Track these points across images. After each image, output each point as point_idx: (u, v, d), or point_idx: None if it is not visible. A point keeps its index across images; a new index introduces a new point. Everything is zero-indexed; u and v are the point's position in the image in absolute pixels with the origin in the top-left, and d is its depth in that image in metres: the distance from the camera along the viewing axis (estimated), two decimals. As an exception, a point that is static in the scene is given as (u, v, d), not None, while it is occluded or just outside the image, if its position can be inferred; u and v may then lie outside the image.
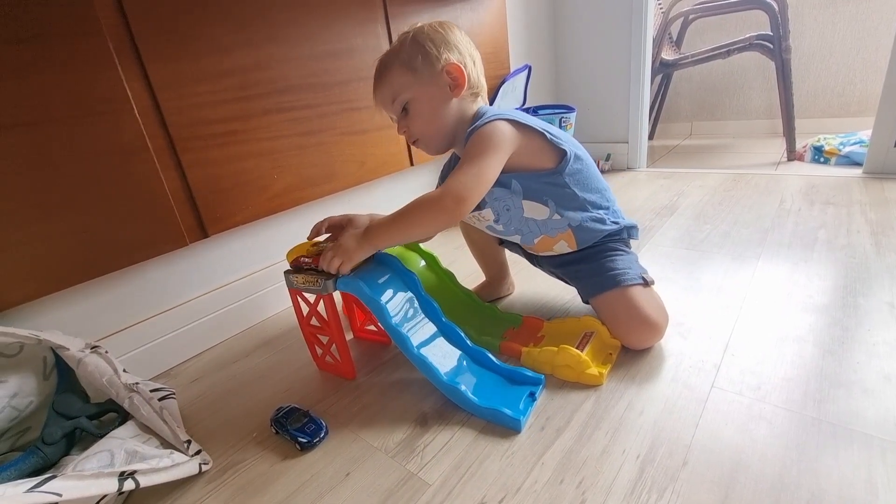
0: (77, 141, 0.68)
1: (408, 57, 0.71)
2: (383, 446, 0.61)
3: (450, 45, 0.72)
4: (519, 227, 0.79)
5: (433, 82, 0.72)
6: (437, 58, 0.71)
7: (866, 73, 2.00)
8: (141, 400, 0.65)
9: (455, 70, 0.71)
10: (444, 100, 0.73)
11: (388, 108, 0.76)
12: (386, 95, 0.74)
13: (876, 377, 0.61)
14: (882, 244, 0.96)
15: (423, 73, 0.71)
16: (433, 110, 0.74)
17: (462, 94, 0.73)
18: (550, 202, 0.75)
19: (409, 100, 0.73)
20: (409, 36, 0.73)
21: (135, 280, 0.83)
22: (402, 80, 0.72)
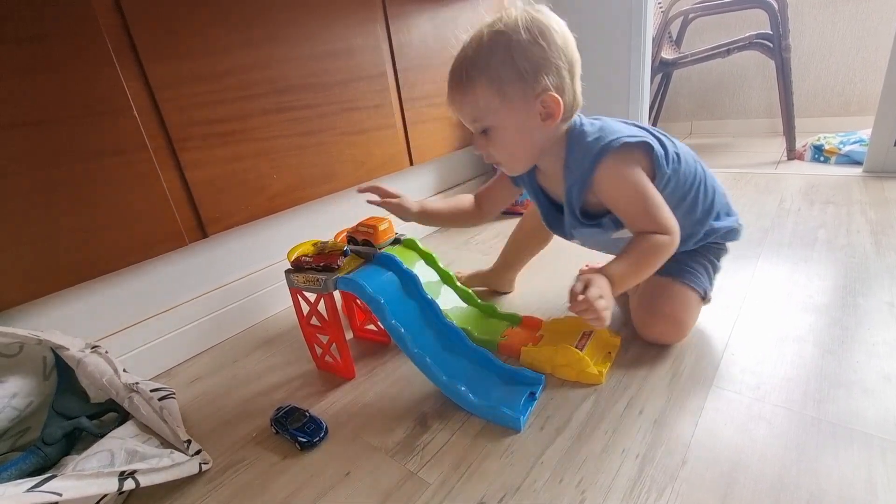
0: (76, 141, 0.68)
1: (497, 76, 0.60)
2: (383, 446, 0.61)
3: (549, 64, 0.60)
4: (603, 246, 0.79)
5: (524, 109, 0.62)
6: (534, 84, 0.60)
7: (866, 72, 2.00)
8: (141, 400, 0.65)
9: (552, 103, 0.61)
10: (532, 128, 0.64)
11: (466, 122, 0.68)
12: (466, 113, 0.66)
13: (876, 377, 0.61)
14: (882, 244, 0.95)
15: (512, 100, 0.61)
16: (519, 139, 0.66)
17: (554, 124, 0.64)
18: None
19: (492, 126, 0.64)
20: (501, 41, 0.60)
21: (134, 280, 0.83)
22: (487, 102, 0.62)
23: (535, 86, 0.60)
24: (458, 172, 1.54)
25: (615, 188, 0.64)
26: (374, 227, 0.76)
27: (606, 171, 0.63)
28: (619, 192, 0.64)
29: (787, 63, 1.70)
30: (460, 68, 0.64)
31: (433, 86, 1.26)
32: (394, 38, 1.11)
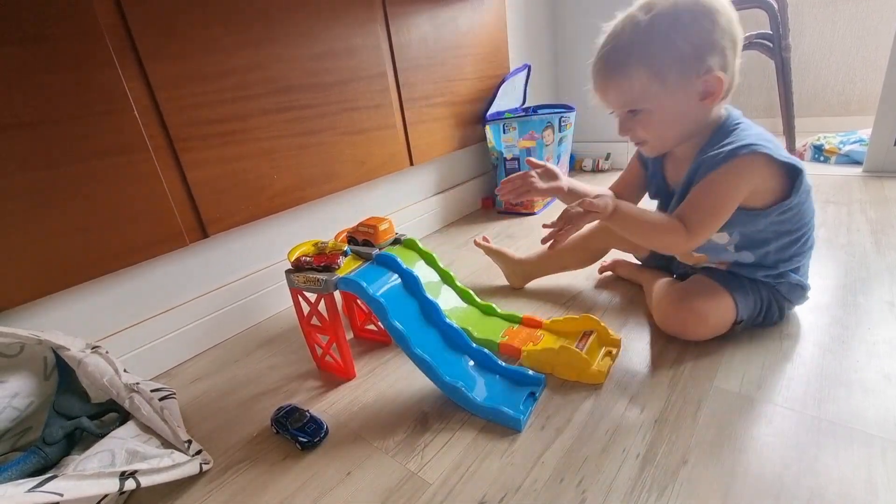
0: (76, 141, 0.68)
1: (657, 61, 0.58)
2: (383, 446, 0.61)
3: (715, 45, 0.58)
4: None
5: (682, 91, 0.60)
6: (697, 66, 0.58)
7: (866, 71, 2.00)
8: (141, 400, 0.65)
9: (715, 84, 0.59)
10: (690, 108, 0.62)
11: (613, 106, 0.66)
12: (616, 99, 0.64)
13: (876, 376, 0.61)
14: (882, 243, 0.95)
15: (672, 83, 0.59)
16: (673, 121, 0.64)
17: (714, 103, 0.62)
18: (736, 234, 0.68)
19: (646, 109, 0.62)
20: (662, 24, 0.57)
21: (135, 280, 0.83)
22: (644, 88, 0.60)
23: (697, 68, 0.58)
24: (458, 172, 1.54)
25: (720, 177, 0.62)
26: (375, 227, 0.76)
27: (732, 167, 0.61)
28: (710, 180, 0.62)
29: (786, 63, 1.70)
30: (614, 54, 0.61)
31: (433, 86, 1.26)
32: (394, 38, 1.11)
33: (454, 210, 1.51)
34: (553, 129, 1.42)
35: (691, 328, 0.71)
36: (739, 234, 0.68)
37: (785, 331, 0.72)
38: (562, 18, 1.79)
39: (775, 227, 0.67)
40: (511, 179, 0.80)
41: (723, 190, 0.62)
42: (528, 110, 1.56)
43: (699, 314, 0.69)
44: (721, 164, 0.61)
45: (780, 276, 0.71)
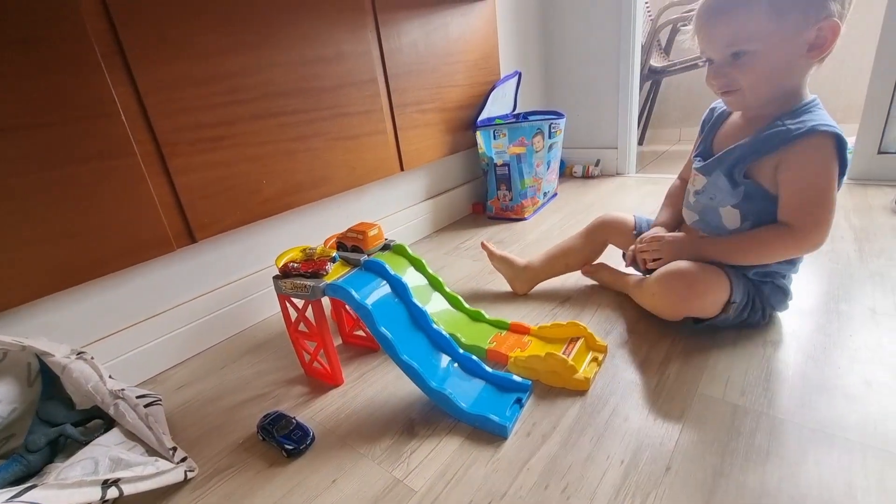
0: (62, 146, 0.68)
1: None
2: (370, 453, 0.61)
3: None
4: (703, 212, 0.74)
5: (796, 37, 0.57)
6: (820, 8, 0.55)
7: (851, 82, 2.04)
8: (126, 406, 0.64)
9: (831, 31, 0.56)
10: (795, 58, 0.59)
11: (716, 49, 0.62)
12: (722, 38, 0.60)
13: (857, 382, 0.62)
14: (865, 250, 0.97)
15: (790, 22, 0.56)
16: (777, 69, 0.60)
17: (819, 56, 0.59)
18: (749, 223, 0.69)
19: (753, 51, 0.59)
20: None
21: (121, 285, 0.82)
22: (758, 26, 0.57)
23: (820, 10, 0.55)
24: (449, 178, 1.54)
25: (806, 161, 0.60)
26: (364, 232, 0.76)
27: (811, 147, 0.60)
28: (809, 172, 0.61)
29: (773, 71, 1.72)
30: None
31: (424, 92, 1.26)
32: (385, 44, 1.12)
33: (445, 215, 1.52)
34: (543, 136, 1.43)
35: (691, 299, 0.70)
36: (752, 223, 0.69)
37: (768, 337, 0.73)
38: (552, 27, 1.81)
39: None
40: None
41: (824, 176, 0.60)
42: (519, 117, 1.57)
43: (697, 285, 0.69)
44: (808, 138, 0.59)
45: (767, 275, 0.72)
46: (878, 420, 0.56)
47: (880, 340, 0.69)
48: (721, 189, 0.69)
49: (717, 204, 0.71)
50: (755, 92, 0.63)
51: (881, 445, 0.52)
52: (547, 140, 1.45)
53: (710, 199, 0.71)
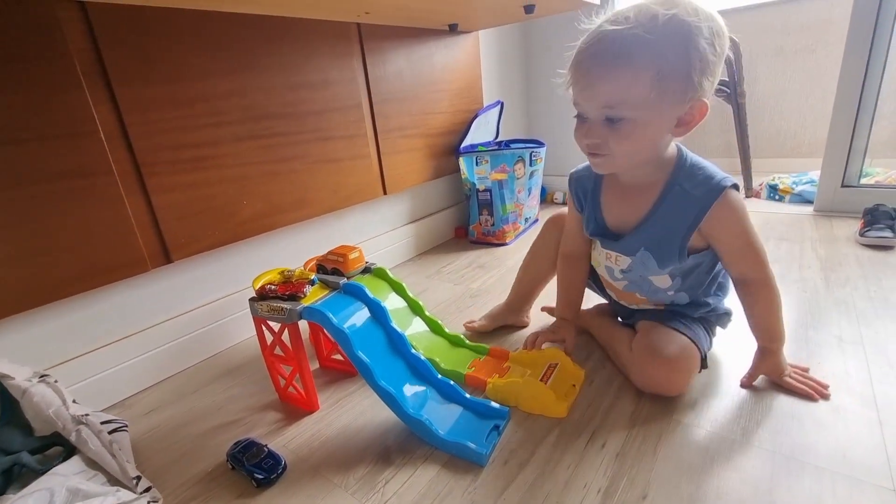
0: (37, 162, 0.67)
1: (667, 66, 0.52)
2: (343, 482, 0.60)
3: (715, 69, 0.55)
4: (636, 283, 0.74)
5: (670, 111, 0.56)
6: (696, 87, 0.54)
7: (815, 118, 2.15)
8: (89, 432, 0.61)
9: (700, 112, 0.57)
10: (665, 132, 0.59)
11: (591, 106, 0.58)
12: (602, 95, 0.56)
13: (826, 409, 0.64)
14: (831, 280, 1.01)
15: (669, 97, 0.54)
16: (650, 141, 0.60)
17: (684, 133, 0.59)
18: (678, 279, 0.70)
19: (630, 118, 0.56)
20: (684, 31, 0.52)
21: (92, 305, 0.80)
22: (641, 93, 0.54)
23: (696, 88, 0.54)
24: (431, 203, 1.56)
25: (729, 221, 0.63)
26: (345, 255, 0.76)
27: (728, 207, 0.62)
28: (735, 229, 0.63)
29: (742, 108, 1.81)
30: (621, 41, 0.53)
31: (408, 118, 1.29)
32: (370, 72, 1.14)
33: (427, 239, 1.52)
34: (524, 163, 1.46)
35: (675, 383, 0.68)
36: (681, 280, 0.70)
37: (743, 364, 0.75)
38: (533, 58, 1.87)
39: (707, 267, 0.70)
40: None
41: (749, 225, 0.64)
42: (501, 144, 1.61)
43: (678, 369, 0.67)
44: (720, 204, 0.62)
45: (712, 310, 0.75)
46: (846, 447, 0.57)
47: (846, 368, 0.71)
48: (649, 266, 0.69)
49: (650, 274, 0.71)
50: (625, 159, 0.62)
51: (850, 472, 0.53)
52: (528, 167, 1.48)
53: (640, 276, 0.72)
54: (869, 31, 1.30)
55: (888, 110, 1.86)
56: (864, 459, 0.55)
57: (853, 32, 1.33)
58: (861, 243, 1.18)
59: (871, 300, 0.90)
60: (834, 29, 2.01)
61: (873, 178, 1.54)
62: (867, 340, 0.78)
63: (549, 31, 1.80)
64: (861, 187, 1.43)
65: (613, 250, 0.72)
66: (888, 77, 1.37)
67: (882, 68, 1.34)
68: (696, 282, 0.71)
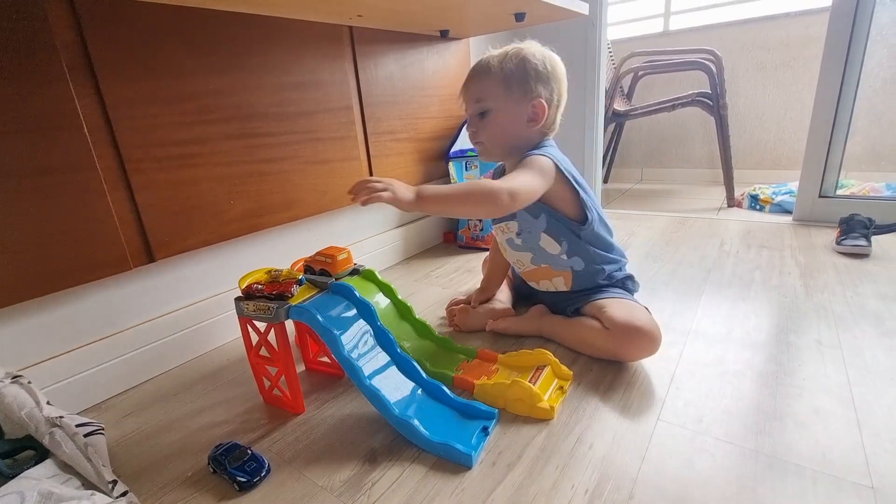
0: (16, 156, 0.65)
1: (510, 74, 0.78)
2: (329, 485, 0.58)
3: (549, 84, 0.80)
4: (532, 247, 0.87)
5: (517, 107, 0.79)
6: (532, 90, 0.78)
7: (794, 130, 2.22)
8: (63, 435, 0.59)
9: (540, 108, 0.79)
10: (519, 123, 0.81)
11: (470, 104, 0.83)
12: (473, 93, 0.82)
13: (807, 410, 0.65)
14: (810, 285, 1.03)
15: (513, 95, 0.79)
16: (506, 128, 0.81)
17: (535, 127, 0.81)
18: (564, 243, 0.84)
19: (491, 109, 0.80)
20: (521, 54, 0.78)
21: (70, 304, 0.77)
22: (494, 90, 0.79)
23: (532, 91, 0.78)
24: (421, 206, 1.55)
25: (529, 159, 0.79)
26: (333, 256, 0.75)
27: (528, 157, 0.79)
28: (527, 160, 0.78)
29: (724, 119, 1.86)
30: (485, 63, 0.81)
31: (399, 122, 1.29)
32: (361, 74, 1.14)
33: (415, 243, 1.52)
34: (513, 169, 1.47)
35: (651, 347, 0.76)
36: (567, 243, 0.84)
37: (724, 367, 0.76)
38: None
39: (588, 239, 0.84)
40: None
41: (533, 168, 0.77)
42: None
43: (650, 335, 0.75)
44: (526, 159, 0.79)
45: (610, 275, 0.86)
46: (826, 447, 0.58)
47: (826, 370, 0.73)
48: (529, 221, 0.85)
49: (535, 237, 0.86)
50: (493, 143, 0.83)
51: (830, 471, 0.54)
52: (516, 173, 1.49)
53: (528, 234, 0.86)
54: (843, 51, 1.35)
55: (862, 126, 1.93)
56: (843, 459, 0.56)
57: (829, 50, 1.38)
58: (838, 251, 1.21)
59: (848, 305, 0.93)
60: (812, 45, 2.09)
61: (849, 190, 1.59)
62: (845, 344, 0.80)
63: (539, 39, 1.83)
64: (837, 198, 1.48)
65: (502, 221, 0.89)
66: (861, 94, 1.42)
67: (856, 85, 1.40)
68: (577, 246, 0.84)
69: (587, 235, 0.83)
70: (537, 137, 0.83)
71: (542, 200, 0.80)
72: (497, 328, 0.93)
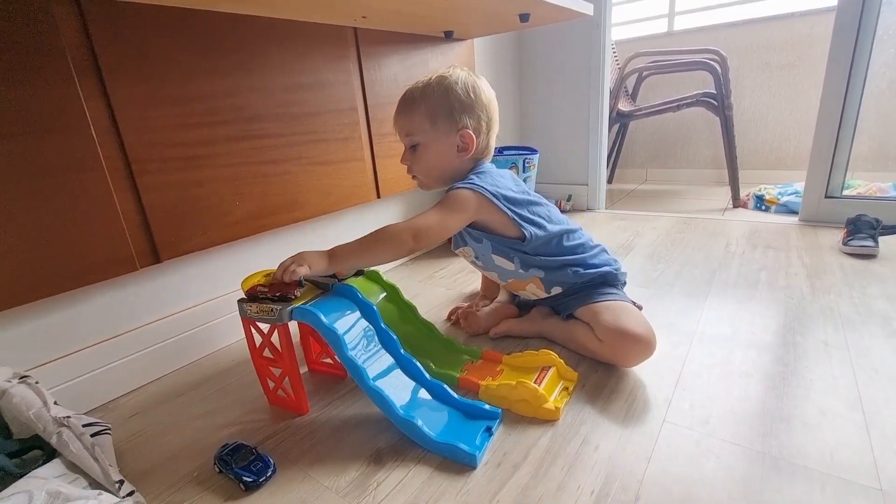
0: (24, 156, 0.65)
1: (434, 107, 0.79)
2: (334, 485, 0.59)
3: (474, 112, 0.80)
4: (492, 268, 0.89)
5: (446, 139, 0.80)
6: (458, 121, 0.79)
7: (799, 131, 2.21)
8: (71, 435, 0.60)
9: (468, 138, 0.80)
10: (449, 155, 0.82)
11: (402, 137, 0.84)
12: (403, 128, 0.83)
13: (814, 412, 0.64)
14: (816, 286, 1.03)
15: (440, 127, 0.80)
16: (437, 160, 0.82)
17: (467, 156, 0.82)
18: (516, 259, 0.84)
19: (420, 143, 0.81)
20: (444, 84, 0.79)
21: (77, 305, 0.78)
22: (421, 124, 0.80)
23: (458, 122, 0.79)
24: (424, 208, 1.55)
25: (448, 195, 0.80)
26: None
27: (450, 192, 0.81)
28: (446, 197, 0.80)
29: (729, 120, 1.85)
30: (409, 95, 0.82)
31: (402, 123, 1.29)
32: (365, 75, 1.15)
33: (420, 244, 1.52)
34: (517, 170, 1.47)
35: (647, 352, 0.74)
36: (518, 259, 0.84)
37: (730, 369, 0.76)
38: (527, 67, 1.90)
39: (536, 251, 0.83)
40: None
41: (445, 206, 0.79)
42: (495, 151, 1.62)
43: (645, 339, 0.73)
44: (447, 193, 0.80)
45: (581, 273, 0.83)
46: (833, 448, 0.58)
47: (832, 372, 0.73)
48: (477, 247, 0.86)
49: (490, 259, 0.87)
50: (427, 175, 0.86)
51: (838, 474, 0.54)
52: (521, 174, 1.49)
53: (483, 255, 0.87)
54: (849, 51, 1.35)
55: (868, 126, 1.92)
56: (851, 460, 0.56)
57: (834, 51, 1.37)
58: (844, 252, 1.21)
59: (855, 306, 0.92)
60: (817, 45, 2.08)
61: (855, 190, 1.58)
62: (852, 345, 0.79)
63: (543, 39, 1.83)
64: (844, 198, 1.47)
65: (459, 247, 0.91)
66: (868, 94, 1.41)
67: (862, 85, 1.39)
68: (529, 259, 0.84)
69: (533, 249, 0.83)
70: (469, 164, 0.84)
71: (479, 227, 0.83)
72: (499, 333, 0.92)
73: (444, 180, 0.85)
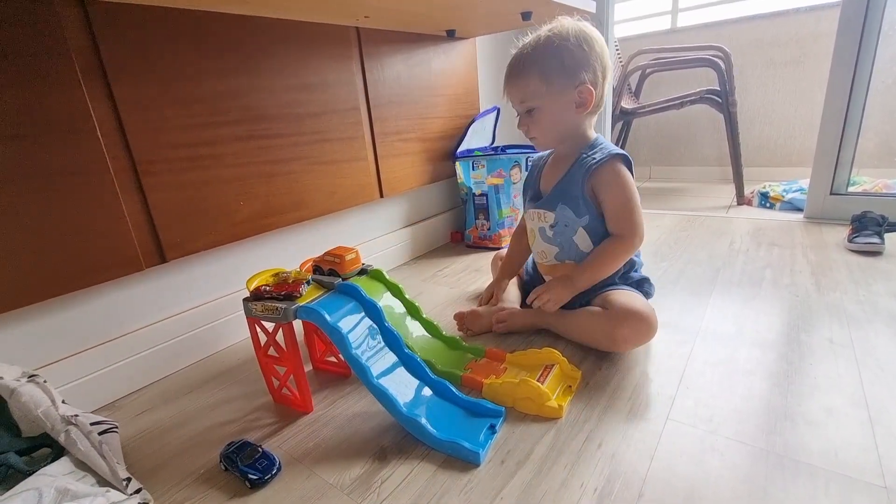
0: (32, 158, 0.66)
1: (548, 69, 0.76)
2: (339, 482, 0.59)
3: (589, 65, 0.76)
4: (562, 242, 0.87)
5: (563, 97, 0.78)
6: (574, 76, 0.76)
7: (804, 128, 2.19)
8: (79, 433, 0.60)
9: (587, 93, 0.77)
10: (568, 113, 0.80)
11: (515, 104, 0.83)
12: (516, 96, 0.81)
13: (818, 410, 0.64)
14: (822, 284, 1.02)
15: (556, 88, 0.77)
16: (556, 121, 0.81)
17: (585, 112, 0.80)
18: (596, 240, 0.84)
19: (537, 107, 0.79)
20: (554, 43, 0.75)
21: (84, 304, 0.79)
22: (535, 88, 0.78)
23: (574, 79, 0.76)
24: (428, 206, 1.56)
25: (612, 183, 0.80)
26: (341, 256, 0.76)
27: (610, 170, 0.80)
28: (613, 188, 0.79)
29: (733, 117, 1.84)
30: (519, 60, 0.79)
31: (406, 122, 1.29)
32: (368, 75, 1.15)
33: (423, 243, 1.52)
34: (520, 168, 1.47)
35: (645, 334, 0.77)
36: (597, 240, 0.83)
37: (734, 366, 0.75)
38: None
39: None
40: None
41: (627, 190, 0.79)
42: (497, 149, 1.62)
43: (643, 318, 0.76)
44: (605, 165, 0.79)
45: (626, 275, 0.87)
46: (838, 447, 0.57)
47: (838, 370, 0.72)
48: (569, 216, 0.84)
49: (571, 231, 0.85)
50: (546, 137, 0.84)
51: (842, 471, 0.54)
52: (524, 172, 1.49)
53: (564, 227, 0.85)
54: (854, 46, 1.34)
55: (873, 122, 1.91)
56: (856, 458, 0.55)
57: (839, 46, 1.36)
58: (850, 249, 1.20)
59: (860, 304, 0.92)
60: (822, 41, 2.06)
61: (860, 187, 1.57)
62: (857, 343, 0.79)
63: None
64: (849, 195, 1.46)
65: (540, 207, 0.89)
66: (873, 90, 1.40)
67: (867, 81, 1.38)
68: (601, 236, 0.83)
69: None
70: (586, 122, 0.84)
71: (592, 201, 0.81)
72: (502, 319, 0.92)
73: (562, 138, 0.84)
